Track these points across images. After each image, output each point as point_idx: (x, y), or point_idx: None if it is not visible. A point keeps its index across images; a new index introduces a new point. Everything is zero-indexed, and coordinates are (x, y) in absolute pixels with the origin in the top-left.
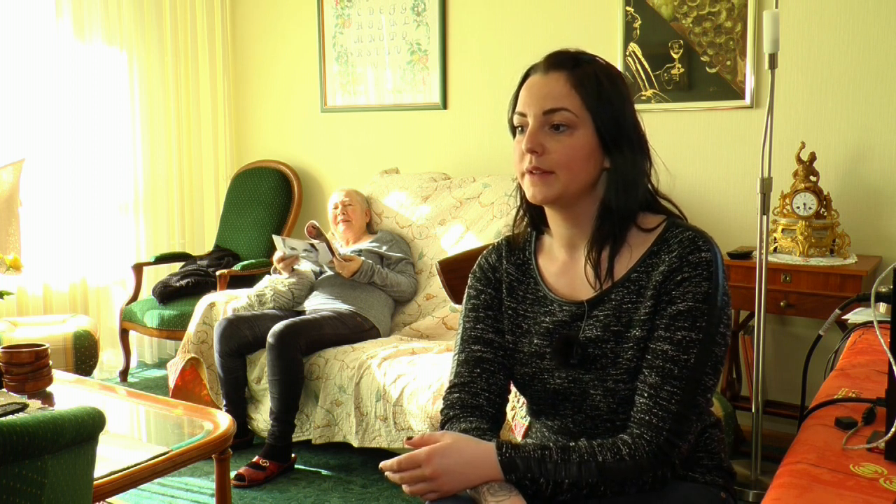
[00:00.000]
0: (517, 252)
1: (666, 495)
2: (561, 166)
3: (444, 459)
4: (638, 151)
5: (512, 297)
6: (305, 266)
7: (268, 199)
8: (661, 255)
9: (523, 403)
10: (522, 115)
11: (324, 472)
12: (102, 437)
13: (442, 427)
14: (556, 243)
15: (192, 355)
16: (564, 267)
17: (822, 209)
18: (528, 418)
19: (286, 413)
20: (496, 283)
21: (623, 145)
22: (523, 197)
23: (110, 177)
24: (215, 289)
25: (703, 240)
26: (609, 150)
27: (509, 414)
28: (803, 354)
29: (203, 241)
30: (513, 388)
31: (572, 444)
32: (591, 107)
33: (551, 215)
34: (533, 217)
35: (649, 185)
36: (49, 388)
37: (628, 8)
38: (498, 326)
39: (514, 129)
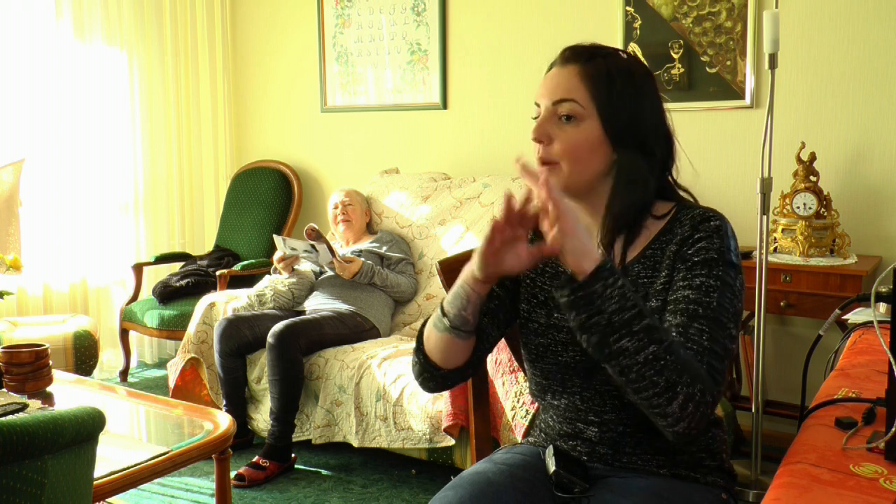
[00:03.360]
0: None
1: (666, 496)
2: (565, 156)
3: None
4: (652, 146)
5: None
6: (305, 266)
7: (268, 199)
8: (675, 230)
9: (523, 403)
10: (537, 105)
11: (324, 472)
12: (102, 437)
13: (420, 333)
14: None
15: (192, 355)
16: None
17: (822, 209)
18: (529, 418)
19: (286, 413)
20: None
21: (629, 140)
22: None
23: (110, 177)
24: (215, 289)
25: (712, 212)
26: (616, 143)
27: (509, 414)
28: (803, 354)
29: (203, 241)
30: (513, 389)
31: None
32: (598, 100)
33: None
34: None
35: (670, 178)
36: (49, 388)
37: (628, 8)
38: (504, 283)
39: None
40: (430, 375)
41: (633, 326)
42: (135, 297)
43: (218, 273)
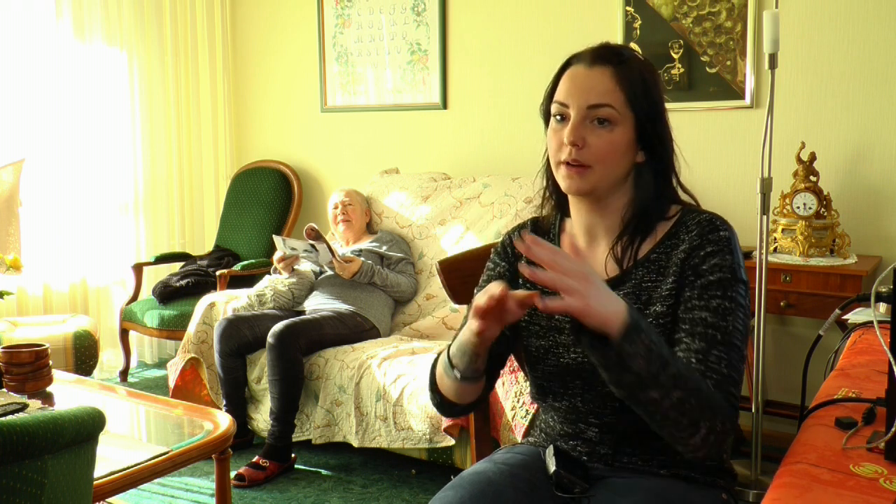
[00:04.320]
0: (542, 234)
1: (667, 496)
2: (599, 160)
3: (593, 275)
4: (666, 148)
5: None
6: (305, 266)
7: (268, 199)
8: (680, 235)
9: (523, 403)
10: (564, 105)
11: (324, 472)
12: (102, 437)
13: (432, 372)
14: (576, 230)
15: (192, 355)
16: (583, 255)
17: (822, 209)
18: (529, 418)
19: (286, 413)
20: (513, 258)
21: (656, 141)
22: (549, 178)
23: (110, 177)
24: (215, 289)
25: (720, 220)
26: (645, 145)
27: (509, 414)
28: (803, 354)
29: (203, 241)
30: (513, 389)
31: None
32: (633, 104)
33: (575, 203)
34: (559, 201)
35: (674, 179)
36: (49, 388)
37: (628, 8)
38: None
39: (548, 117)
40: (450, 410)
41: (660, 378)
42: (135, 297)
43: (218, 273)
